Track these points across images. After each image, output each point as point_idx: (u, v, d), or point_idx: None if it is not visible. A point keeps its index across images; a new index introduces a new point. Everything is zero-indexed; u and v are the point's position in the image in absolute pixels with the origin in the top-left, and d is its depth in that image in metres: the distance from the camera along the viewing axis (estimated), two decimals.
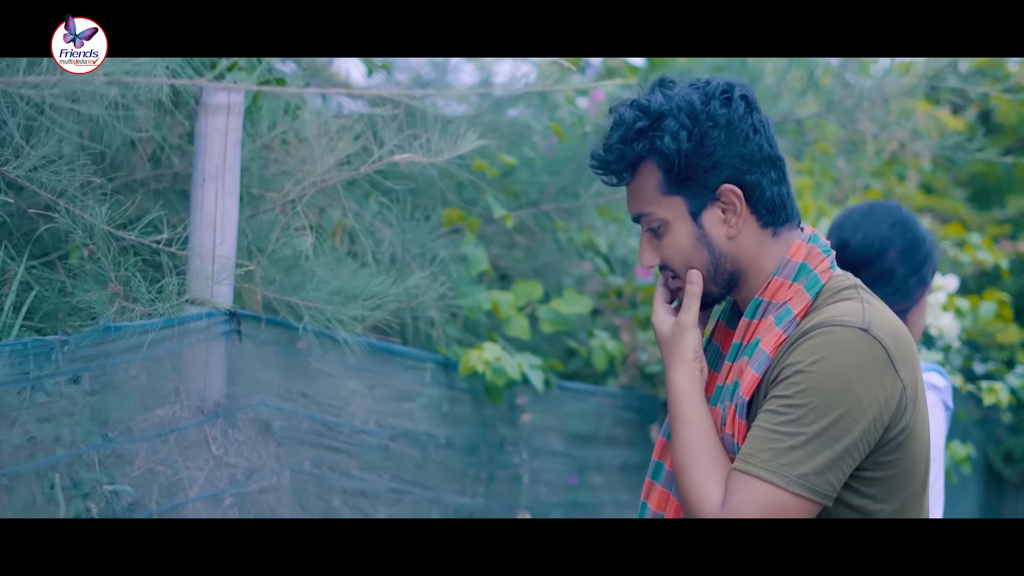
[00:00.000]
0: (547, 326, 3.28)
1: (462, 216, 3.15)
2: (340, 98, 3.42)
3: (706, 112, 2.07)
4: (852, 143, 5.16)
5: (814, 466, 1.96)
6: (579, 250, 3.74)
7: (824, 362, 1.97)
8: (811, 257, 2.11)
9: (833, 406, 1.96)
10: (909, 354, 2.03)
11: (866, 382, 1.97)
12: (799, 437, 1.96)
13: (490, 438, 3.13)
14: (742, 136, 2.07)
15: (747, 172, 2.09)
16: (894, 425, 2.00)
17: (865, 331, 1.97)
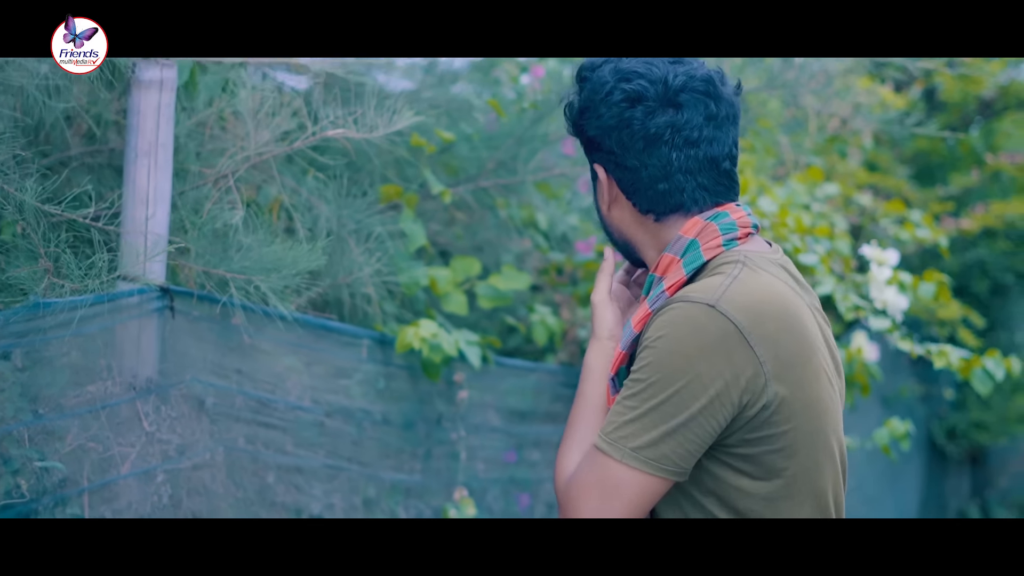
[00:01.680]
0: (485, 302, 3.31)
1: (400, 192, 3.17)
2: (282, 75, 3.43)
3: (605, 86, 2.15)
4: (795, 120, 5.22)
5: (648, 439, 2.00)
6: (519, 226, 3.77)
7: (666, 338, 2.01)
8: (703, 234, 2.16)
9: (672, 381, 2.00)
10: (776, 328, 2.04)
11: (708, 357, 2.00)
12: (637, 411, 2.01)
13: (427, 414, 3.16)
14: (626, 118, 2.14)
15: (617, 159, 2.18)
16: (752, 403, 2.01)
17: (712, 306, 2.01)
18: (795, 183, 4.66)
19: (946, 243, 4.89)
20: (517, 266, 3.70)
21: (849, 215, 5.12)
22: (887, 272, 3.93)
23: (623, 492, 2.01)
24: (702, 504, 2.07)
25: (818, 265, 3.92)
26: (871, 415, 5.51)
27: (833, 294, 3.93)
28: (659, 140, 2.13)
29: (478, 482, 3.34)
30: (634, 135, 2.14)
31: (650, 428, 2.00)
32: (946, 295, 4.25)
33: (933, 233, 4.93)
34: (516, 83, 4.04)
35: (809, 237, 4.11)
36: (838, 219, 4.71)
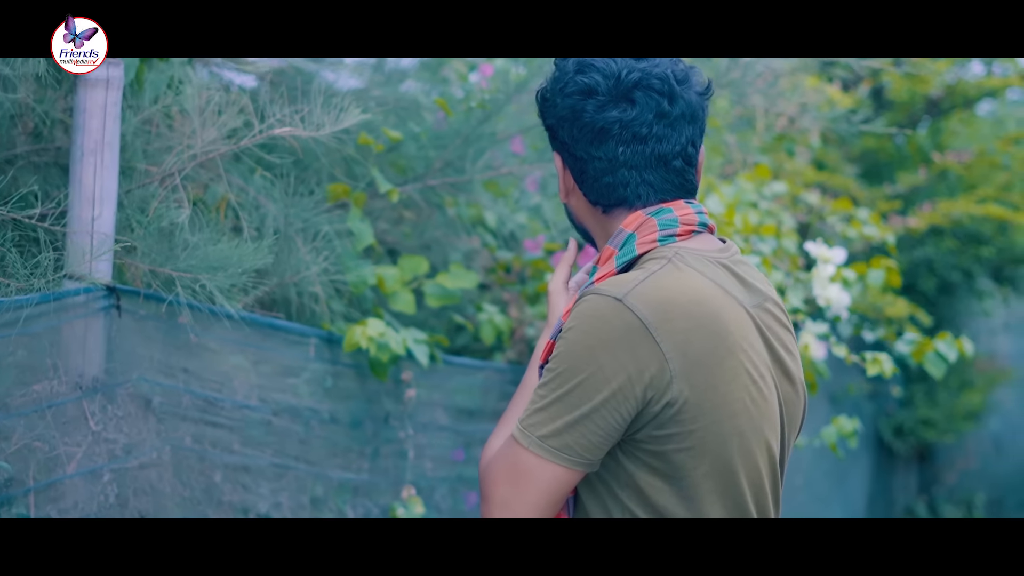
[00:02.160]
0: (433, 301, 3.34)
1: (347, 191, 3.20)
2: (229, 73, 3.44)
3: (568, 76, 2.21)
4: (743, 119, 5.28)
5: (553, 428, 2.05)
6: (467, 225, 3.80)
7: (574, 330, 2.07)
8: (642, 228, 2.20)
9: (576, 372, 2.05)
10: (686, 326, 2.05)
11: (611, 351, 2.04)
12: (545, 400, 2.07)
13: (375, 413, 3.19)
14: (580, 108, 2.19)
15: (570, 148, 2.24)
16: (657, 399, 2.04)
17: (619, 300, 2.05)
18: (743, 182, 4.72)
19: (893, 241, 4.97)
20: (465, 265, 3.74)
21: (797, 213, 5.18)
22: (831, 269, 3.99)
23: (532, 479, 2.06)
24: (620, 499, 2.11)
25: (760, 267, 3.97)
26: (819, 413, 5.58)
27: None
28: (607, 134, 2.18)
29: (426, 480, 3.37)
30: (584, 127, 2.19)
31: (555, 418, 2.05)
32: (895, 279, 4.30)
33: (880, 231, 5.00)
34: (464, 82, 4.07)
35: (754, 236, 4.16)
36: (786, 217, 4.78)
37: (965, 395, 7.27)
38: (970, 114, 7.98)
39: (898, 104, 7.30)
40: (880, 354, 3.99)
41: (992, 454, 8.51)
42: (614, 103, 2.17)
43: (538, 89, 2.28)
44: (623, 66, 2.18)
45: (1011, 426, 8.82)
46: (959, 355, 4.02)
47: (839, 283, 4.08)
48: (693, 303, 2.08)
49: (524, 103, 3.77)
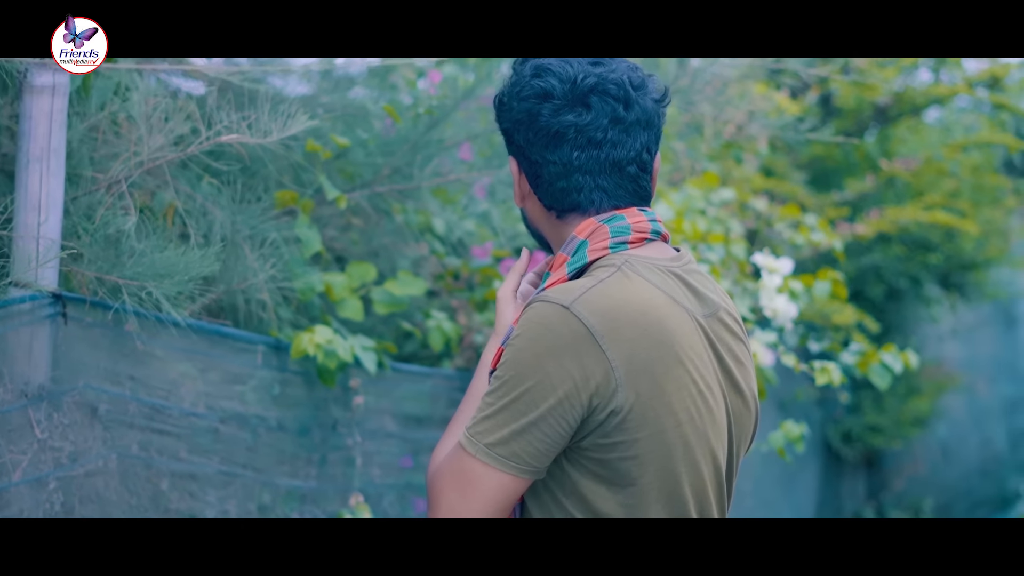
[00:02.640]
0: (381, 308, 3.37)
1: (295, 197, 3.22)
2: (176, 79, 3.46)
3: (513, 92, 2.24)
4: (691, 126, 5.33)
5: (500, 436, 2.07)
6: (416, 232, 3.83)
7: (521, 337, 2.08)
8: (594, 235, 2.22)
9: (523, 379, 2.06)
10: (632, 334, 2.07)
11: (557, 358, 2.05)
12: (493, 407, 2.08)
13: (322, 420, 3.21)
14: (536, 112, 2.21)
15: (526, 152, 2.25)
16: (602, 406, 2.06)
17: (566, 308, 2.07)
18: (691, 188, 4.77)
19: (841, 247, 5.03)
20: (413, 271, 3.77)
21: (745, 220, 5.24)
22: (777, 280, 4.04)
23: (479, 487, 2.08)
24: (564, 506, 2.12)
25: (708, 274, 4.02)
26: (768, 419, 5.64)
27: None
28: (562, 138, 2.19)
29: (374, 488, 3.40)
30: (539, 131, 2.20)
31: (502, 425, 2.06)
32: (841, 291, 4.36)
33: (828, 237, 5.07)
34: (413, 88, 4.10)
35: (703, 245, 4.20)
36: (734, 224, 4.83)
37: (913, 401, 7.36)
38: (918, 121, 8.08)
39: (846, 111, 7.38)
40: (828, 363, 4.04)
41: (940, 460, 8.62)
42: (570, 107, 2.19)
43: (496, 94, 2.30)
44: (579, 70, 2.20)
45: (958, 432, 8.94)
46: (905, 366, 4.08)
47: (786, 294, 4.13)
48: (639, 312, 2.10)
49: (472, 110, 3.81)
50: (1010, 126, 10.36)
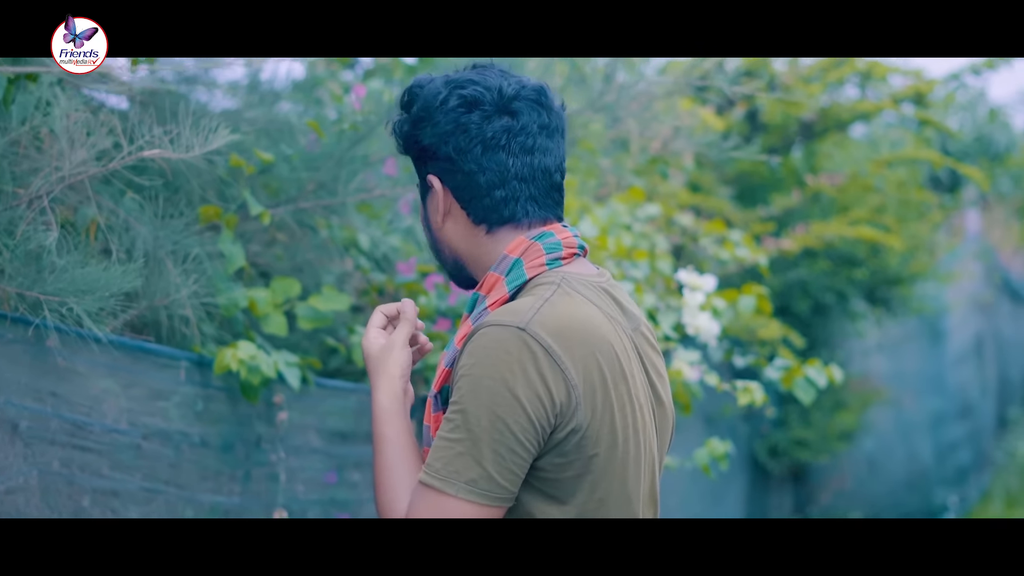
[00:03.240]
0: (305, 323, 3.40)
1: (219, 213, 3.25)
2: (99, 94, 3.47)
3: (437, 100, 2.24)
4: (617, 141, 5.40)
5: (481, 471, 2.06)
6: (340, 247, 3.86)
7: (479, 364, 2.08)
8: (528, 253, 2.24)
9: (492, 408, 2.06)
10: (585, 352, 2.12)
11: (523, 380, 2.06)
12: (464, 443, 2.06)
13: (246, 436, 3.24)
14: (450, 132, 2.22)
15: (452, 169, 2.26)
16: (563, 425, 2.09)
17: (521, 329, 2.08)
18: (617, 204, 4.83)
19: (766, 262, 5.11)
20: (338, 287, 3.80)
21: (671, 235, 5.31)
22: (700, 297, 4.11)
23: None
24: None
25: (633, 294, 4.07)
26: (694, 434, 5.72)
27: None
28: (497, 145, 2.22)
29: (298, 504, 3.43)
30: (472, 139, 2.22)
31: (481, 460, 2.05)
32: (766, 306, 4.44)
33: (753, 253, 5.15)
34: (338, 103, 4.13)
35: (627, 261, 4.26)
36: (659, 240, 4.90)
37: (839, 416, 7.47)
38: (843, 137, 8.20)
39: (772, 127, 7.49)
40: (751, 383, 4.10)
41: (866, 474, 8.74)
42: (499, 114, 2.22)
43: (395, 120, 2.31)
44: (499, 78, 2.24)
45: (885, 446, 9.07)
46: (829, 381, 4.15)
47: (709, 311, 4.19)
48: (587, 330, 2.14)
49: None
50: (935, 142, 10.56)
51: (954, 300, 10.38)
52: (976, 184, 9.63)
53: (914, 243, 8.05)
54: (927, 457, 9.88)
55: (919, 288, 8.46)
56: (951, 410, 10.47)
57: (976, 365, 11.54)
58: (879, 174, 7.87)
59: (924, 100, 7.78)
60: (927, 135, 9.96)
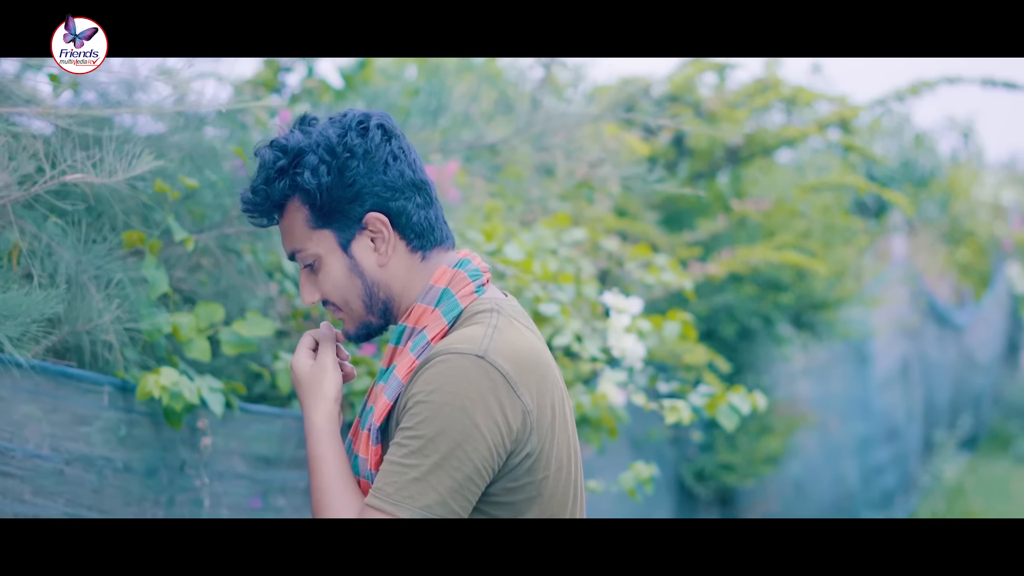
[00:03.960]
0: (229, 348, 3.42)
1: (142, 238, 3.27)
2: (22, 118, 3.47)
3: (343, 144, 2.24)
4: (544, 166, 5.46)
5: (437, 497, 2.10)
6: (266, 272, 3.89)
7: (440, 391, 2.12)
8: (455, 282, 2.30)
9: (450, 434, 2.10)
10: (535, 379, 2.19)
11: (484, 408, 2.11)
12: (420, 468, 2.10)
13: (170, 461, 3.25)
14: (382, 164, 2.25)
15: (391, 199, 2.28)
16: (518, 451, 2.16)
17: (481, 357, 2.14)
18: (543, 229, 4.89)
19: (691, 287, 5.18)
20: (263, 312, 3.83)
21: (597, 260, 5.37)
22: (625, 320, 4.16)
23: None
24: None
25: (558, 316, 4.12)
26: (621, 458, 5.78)
27: (570, 346, 4.12)
28: (414, 169, 2.29)
29: None
30: (402, 169, 2.27)
31: (437, 485, 2.08)
32: (691, 332, 4.50)
33: (678, 277, 5.21)
34: (264, 128, 4.17)
35: (553, 285, 4.31)
36: (585, 264, 4.96)
37: (765, 440, 7.54)
38: (769, 162, 8.30)
39: (698, 152, 7.57)
40: (679, 401, 4.16)
41: (793, 497, 8.83)
42: (401, 147, 2.29)
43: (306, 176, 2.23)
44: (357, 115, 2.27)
45: (811, 470, 9.17)
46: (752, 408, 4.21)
47: (634, 334, 4.24)
48: (536, 356, 2.22)
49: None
50: (861, 168, 10.72)
51: (880, 324, 10.53)
52: (902, 209, 9.78)
53: (840, 268, 8.16)
54: (853, 480, 10.00)
55: (845, 312, 8.57)
56: (877, 434, 10.61)
57: (902, 389, 11.71)
58: (805, 199, 7.98)
59: (849, 126, 7.89)
60: (853, 161, 10.11)
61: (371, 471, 2.24)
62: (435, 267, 2.33)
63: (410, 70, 6.26)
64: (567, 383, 4.20)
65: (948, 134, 16.46)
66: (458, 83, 4.93)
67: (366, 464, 2.26)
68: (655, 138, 7.03)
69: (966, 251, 15.67)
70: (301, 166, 2.24)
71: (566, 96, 6.85)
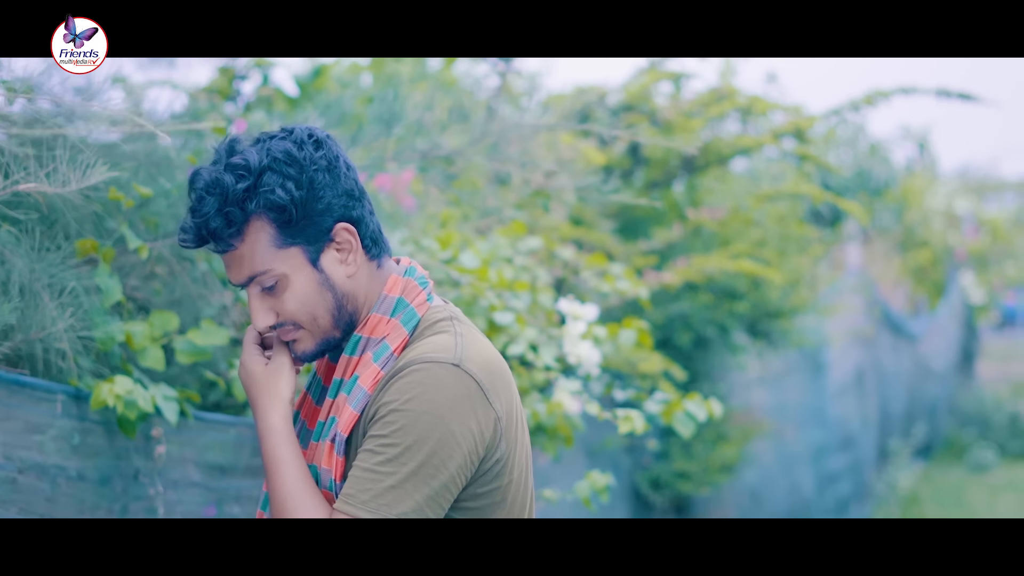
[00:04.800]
0: (184, 357, 3.43)
1: (96, 246, 3.28)
2: None
3: (306, 157, 2.25)
4: (499, 175, 5.49)
5: (412, 504, 2.13)
6: (220, 280, 3.89)
7: (417, 399, 2.15)
8: (408, 291, 2.32)
9: (427, 442, 2.13)
10: (503, 385, 2.24)
11: (459, 416, 2.15)
12: (396, 476, 2.12)
13: (124, 470, 3.26)
14: (341, 174, 2.27)
15: (352, 208, 2.30)
16: (489, 457, 2.21)
17: (457, 366, 2.17)
18: (498, 237, 4.92)
19: (647, 296, 5.22)
20: (218, 321, 3.83)
21: (552, 268, 5.40)
22: (581, 326, 4.19)
23: None
24: None
25: (513, 324, 4.14)
26: (576, 467, 5.80)
27: (524, 355, 4.15)
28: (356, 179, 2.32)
29: None
30: (355, 178, 2.31)
31: (413, 492, 2.11)
32: (647, 340, 4.53)
33: (634, 286, 5.24)
34: (219, 137, 4.17)
35: (508, 293, 4.34)
36: (541, 272, 4.98)
37: (721, 448, 7.58)
38: (725, 171, 8.36)
39: (654, 161, 7.62)
40: (632, 411, 4.18)
41: (748, 505, 8.89)
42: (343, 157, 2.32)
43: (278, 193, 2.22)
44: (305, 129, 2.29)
45: (767, 478, 9.23)
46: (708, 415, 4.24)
47: (590, 340, 4.27)
48: (500, 363, 2.27)
49: None
50: (816, 177, 10.81)
51: (835, 333, 10.61)
52: (856, 218, 9.87)
53: (795, 277, 8.22)
54: (808, 488, 10.07)
55: (800, 321, 8.63)
56: (832, 442, 10.69)
57: (857, 397, 11.80)
58: (760, 208, 8.04)
59: (804, 136, 7.96)
60: (808, 170, 10.20)
61: (335, 481, 2.24)
62: (387, 276, 2.35)
63: (365, 78, 6.28)
64: (522, 391, 4.23)
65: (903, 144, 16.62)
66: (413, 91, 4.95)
67: (329, 475, 2.26)
68: (611, 147, 7.07)
69: (920, 260, 15.80)
70: (268, 184, 2.22)
71: (522, 105, 6.89)
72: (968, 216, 17.77)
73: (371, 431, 2.19)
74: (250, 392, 2.34)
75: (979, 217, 18.16)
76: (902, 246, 15.60)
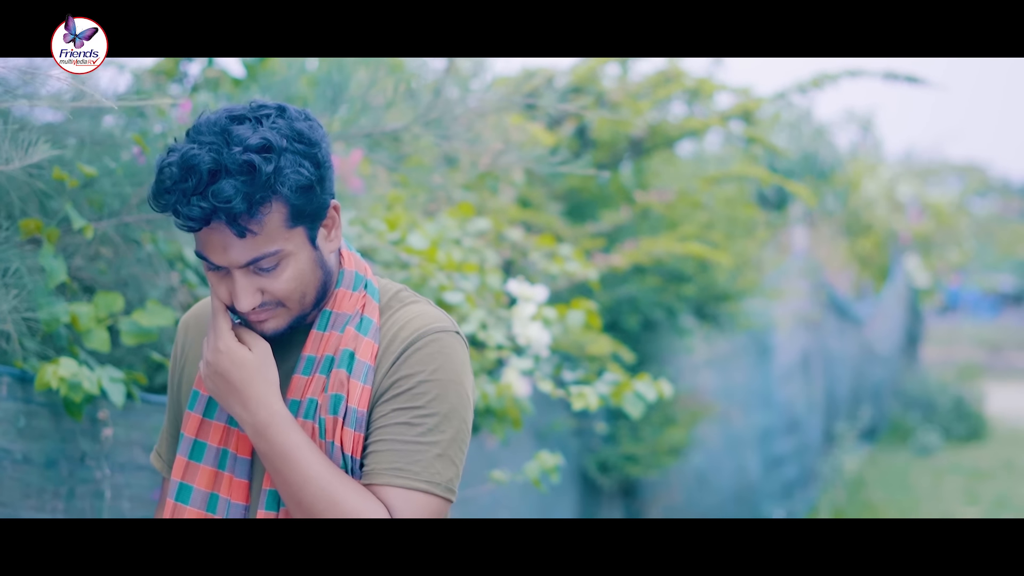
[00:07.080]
0: (129, 339, 3.41)
1: (40, 226, 3.25)
2: None
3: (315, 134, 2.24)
4: (447, 156, 5.49)
5: (455, 471, 2.24)
6: (167, 261, 3.87)
7: (442, 369, 2.24)
8: (359, 265, 2.37)
9: (459, 410, 2.24)
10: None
11: (469, 379, 2.28)
12: (440, 445, 2.21)
13: (70, 453, 3.24)
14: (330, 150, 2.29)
15: (334, 183, 2.34)
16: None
17: (458, 334, 2.30)
18: (446, 218, 4.92)
19: (596, 277, 5.24)
20: (164, 301, 3.81)
21: (501, 250, 5.40)
22: (531, 308, 4.21)
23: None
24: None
25: (463, 304, 4.15)
26: (525, 449, 5.82)
27: (476, 334, 4.16)
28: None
29: None
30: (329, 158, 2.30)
31: (454, 459, 2.22)
32: (595, 322, 4.55)
33: (583, 267, 5.27)
34: (164, 117, 4.15)
35: (457, 274, 4.34)
36: (489, 254, 4.99)
37: (668, 431, 7.61)
38: (672, 154, 8.39)
39: (601, 143, 7.63)
40: (585, 388, 4.20)
41: (696, 488, 8.94)
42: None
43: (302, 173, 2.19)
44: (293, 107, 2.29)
45: (714, 460, 9.29)
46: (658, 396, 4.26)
47: (540, 322, 4.29)
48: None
49: None
50: (763, 160, 10.88)
51: (781, 316, 10.69)
52: (803, 201, 9.94)
53: (742, 260, 8.27)
54: (755, 471, 10.15)
55: (747, 304, 8.69)
56: (778, 425, 10.78)
57: (803, 381, 11.90)
58: (707, 191, 8.08)
59: (751, 118, 8.00)
60: (755, 153, 10.26)
61: (351, 455, 2.23)
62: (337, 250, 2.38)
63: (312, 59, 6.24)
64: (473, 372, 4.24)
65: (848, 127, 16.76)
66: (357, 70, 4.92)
67: (338, 449, 2.24)
68: (559, 128, 7.08)
69: (865, 244, 15.95)
70: (290, 165, 2.17)
71: (469, 87, 6.87)
72: (911, 200, 17.93)
73: (398, 404, 2.22)
74: (236, 381, 2.24)
75: (923, 201, 18.33)
76: (847, 230, 15.74)
